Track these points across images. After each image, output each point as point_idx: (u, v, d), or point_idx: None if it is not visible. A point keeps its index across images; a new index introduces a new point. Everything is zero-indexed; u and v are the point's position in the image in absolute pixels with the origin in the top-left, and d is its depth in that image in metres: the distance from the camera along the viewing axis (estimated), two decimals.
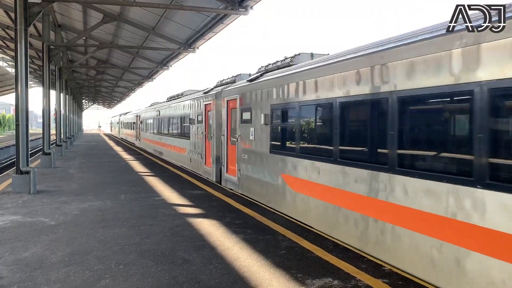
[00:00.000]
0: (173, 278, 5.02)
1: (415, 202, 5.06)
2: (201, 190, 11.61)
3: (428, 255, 4.84)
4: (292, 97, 8.31)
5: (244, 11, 13.27)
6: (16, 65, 11.23)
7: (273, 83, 9.27)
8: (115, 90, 51.51)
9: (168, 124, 22.37)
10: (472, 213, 4.31)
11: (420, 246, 4.98)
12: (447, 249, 4.61)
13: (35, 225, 7.57)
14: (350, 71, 6.44)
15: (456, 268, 4.49)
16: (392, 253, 5.46)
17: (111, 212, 8.71)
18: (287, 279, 5.02)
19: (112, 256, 5.82)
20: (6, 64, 43.33)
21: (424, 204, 4.92)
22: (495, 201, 4.08)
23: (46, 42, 17.73)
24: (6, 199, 10.08)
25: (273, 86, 9.22)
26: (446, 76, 4.65)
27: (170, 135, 21.84)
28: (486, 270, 4.17)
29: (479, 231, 4.24)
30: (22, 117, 11.20)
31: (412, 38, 5.35)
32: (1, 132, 71.91)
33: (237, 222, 7.84)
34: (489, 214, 4.15)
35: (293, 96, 8.26)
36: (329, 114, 7.13)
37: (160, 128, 24.92)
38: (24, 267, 5.37)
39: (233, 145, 11.87)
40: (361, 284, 4.91)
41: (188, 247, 6.28)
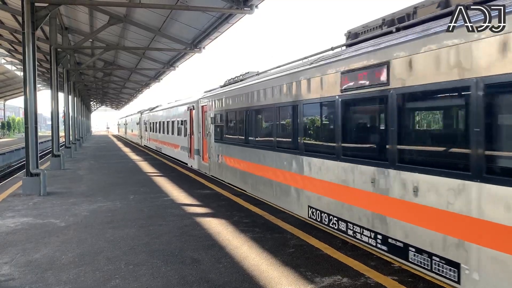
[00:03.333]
0: (183, 278, 5.05)
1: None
2: (209, 190, 11.64)
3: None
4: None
5: (249, 10, 13.27)
6: (24, 68, 11.33)
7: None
8: (123, 92, 51.79)
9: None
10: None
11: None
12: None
13: (45, 226, 7.65)
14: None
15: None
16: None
17: (120, 212, 8.77)
18: (296, 278, 5.02)
19: (122, 257, 5.86)
20: (15, 67, 43.79)
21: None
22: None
23: (53, 45, 17.88)
24: (17, 201, 10.19)
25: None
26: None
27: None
28: None
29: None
30: (31, 120, 11.30)
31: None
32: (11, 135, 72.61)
33: (246, 221, 7.85)
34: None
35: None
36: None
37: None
38: (35, 268, 5.43)
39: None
40: (370, 281, 4.89)
41: (197, 246, 6.31)
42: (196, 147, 17.45)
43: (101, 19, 18.75)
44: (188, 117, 19.00)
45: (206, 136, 15.40)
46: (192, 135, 18.41)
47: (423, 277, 4.97)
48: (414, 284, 4.78)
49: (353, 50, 6.67)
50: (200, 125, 16.58)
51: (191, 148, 18.75)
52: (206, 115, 15.49)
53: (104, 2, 15.01)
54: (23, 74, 11.43)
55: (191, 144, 18.78)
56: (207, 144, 15.27)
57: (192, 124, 18.39)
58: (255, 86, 10.41)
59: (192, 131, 18.41)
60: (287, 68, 9.14)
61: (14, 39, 25.57)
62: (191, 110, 18.23)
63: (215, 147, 14.04)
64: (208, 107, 15.00)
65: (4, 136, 68.95)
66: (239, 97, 11.52)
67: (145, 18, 17.73)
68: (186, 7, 14.49)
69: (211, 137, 14.62)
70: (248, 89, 10.90)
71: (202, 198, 10.34)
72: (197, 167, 17.26)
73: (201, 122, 16.36)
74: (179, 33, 18.90)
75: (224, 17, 15.06)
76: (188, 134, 19.09)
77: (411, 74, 5.19)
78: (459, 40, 4.48)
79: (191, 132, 18.59)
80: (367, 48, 6.21)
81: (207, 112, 15.08)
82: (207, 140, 15.23)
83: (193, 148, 18.24)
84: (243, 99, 11.21)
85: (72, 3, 14.65)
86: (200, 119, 16.59)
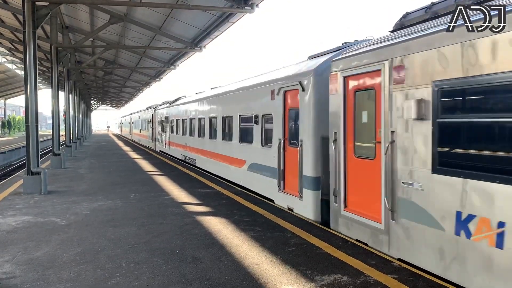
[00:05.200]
0: (183, 276, 5.06)
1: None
2: (210, 189, 11.65)
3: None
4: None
5: (250, 9, 13.27)
6: (25, 67, 11.34)
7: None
8: (123, 91, 51.75)
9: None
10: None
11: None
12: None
13: (46, 225, 7.66)
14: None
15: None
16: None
17: (121, 211, 8.79)
18: (296, 276, 5.04)
19: (123, 255, 5.87)
20: (16, 66, 43.78)
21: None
22: None
23: (54, 44, 17.86)
24: (17, 200, 10.21)
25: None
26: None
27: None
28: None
29: None
30: (31, 119, 11.31)
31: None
32: (11, 134, 72.65)
33: (246, 220, 7.86)
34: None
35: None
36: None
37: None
38: (37, 266, 5.45)
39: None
40: (370, 280, 4.91)
41: (197, 245, 6.32)
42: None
43: (101, 18, 18.75)
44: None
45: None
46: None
47: (423, 275, 4.98)
48: (414, 283, 4.80)
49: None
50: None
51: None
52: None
53: (105, 1, 14.99)
54: (23, 73, 11.44)
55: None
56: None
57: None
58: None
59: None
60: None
61: (14, 38, 25.56)
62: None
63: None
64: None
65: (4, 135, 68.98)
66: None
67: (146, 17, 17.73)
68: (187, 6, 14.49)
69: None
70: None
71: (202, 197, 10.36)
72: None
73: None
74: (179, 32, 18.89)
75: (224, 16, 15.05)
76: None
77: None
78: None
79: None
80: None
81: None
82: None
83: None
84: None
85: (73, 2, 14.65)
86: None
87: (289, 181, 8.90)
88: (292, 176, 8.71)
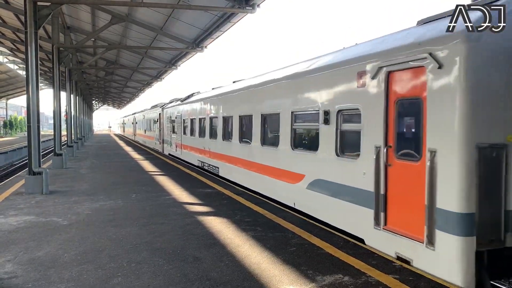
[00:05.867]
0: (184, 276, 5.07)
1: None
2: (211, 189, 11.66)
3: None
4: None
5: (251, 9, 13.27)
6: (26, 67, 11.35)
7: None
8: (125, 91, 51.81)
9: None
10: None
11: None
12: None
13: (48, 225, 7.67)
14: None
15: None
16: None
17: (122, 211, 8.80)
18: (297, 276, 5.04)
19: (124, 255, 5.88)
20: (17, 66, 43.87)
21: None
22: None
23: (55, 44, 17.89)
24: (19, 200, 10.22)
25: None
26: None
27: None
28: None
29: None
30: (33, 119, 11.33)
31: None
32: (13, 134, 72.76)
33: (247, 220, 7.87)
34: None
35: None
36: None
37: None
38: (38, 266, 5.46)
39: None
40: (371, 280, 4.91)
41: (199, 245, 6.33)
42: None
43: (103, 18, 18.78)
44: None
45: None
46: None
47: (424, 275, 4.98)
48: (415, 283, 4.80)
49: None
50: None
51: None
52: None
53: (106, 1, 15.02)
54: (25, 73, 11.46)
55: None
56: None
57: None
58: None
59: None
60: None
61: (16, 38, 25.59)
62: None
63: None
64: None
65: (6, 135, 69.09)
66: None
67: (147, 17, 17.75)
68: (188, 6, 14.51)
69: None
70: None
71: (203, 197, 10.36)
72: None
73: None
74: (181, 32, 18.91)
75: (226, 16, 15.06)
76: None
77: None
78: None
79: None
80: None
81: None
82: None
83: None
84: None
85: (75, 2, 14.66)
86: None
87: (398, 213, 5.81)
88: (404, 206, 5.69)
